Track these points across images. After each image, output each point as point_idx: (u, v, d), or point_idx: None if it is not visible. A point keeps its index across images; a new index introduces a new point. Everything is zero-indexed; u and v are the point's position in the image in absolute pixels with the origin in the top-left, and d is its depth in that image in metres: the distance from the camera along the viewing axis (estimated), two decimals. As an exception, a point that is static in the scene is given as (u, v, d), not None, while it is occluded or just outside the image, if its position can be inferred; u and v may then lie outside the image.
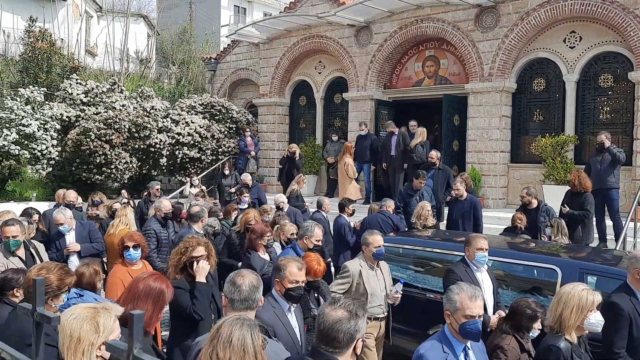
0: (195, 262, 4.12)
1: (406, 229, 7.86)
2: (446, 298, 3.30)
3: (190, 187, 12.37)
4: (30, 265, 4.93)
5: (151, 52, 25.81)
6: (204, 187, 12.04)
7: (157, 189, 10.34)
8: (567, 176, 10.80)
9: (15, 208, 11.74)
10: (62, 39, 19.38)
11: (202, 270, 4.12)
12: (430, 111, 14.11)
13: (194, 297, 4.03)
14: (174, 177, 15.70)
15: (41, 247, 5.76)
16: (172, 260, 4.24)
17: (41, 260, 5.25)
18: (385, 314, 5.18)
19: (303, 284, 3.82)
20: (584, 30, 11.20)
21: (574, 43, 11.34)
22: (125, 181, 13.53)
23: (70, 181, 13.08)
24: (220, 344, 2.20)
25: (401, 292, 5.04)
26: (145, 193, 10.68)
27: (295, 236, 6.01)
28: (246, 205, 9.15)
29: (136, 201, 11.51)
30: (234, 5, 37.00)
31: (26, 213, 7.02)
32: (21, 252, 5.29)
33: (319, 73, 15.63)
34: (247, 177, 11.11)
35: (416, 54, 13.74)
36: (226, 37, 20.40)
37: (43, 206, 11.26)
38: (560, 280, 4.96)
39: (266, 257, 5.66)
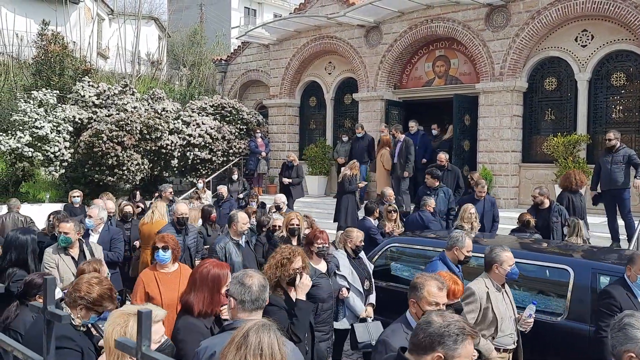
0: (298, 277, 3.73)
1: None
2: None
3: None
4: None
5: (162, 54, 25.97)
6: (203, 192, 12.02)
7: (170, 192, 10.09)
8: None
9: (29, 210, 11.90)
10: (74, 42, 19.56)
11: (304, 286, 3.75)
12: (440, 111, 14.07)
13: (294, 316, 3.63)
14: (185, 179, 15.77)
15: (98, 250, 5.70)
16: (267, 275, 3.70)
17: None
18: (516, 344, 4.44)
19: (443, 307, 3.27)
20: (596, 29, 11.10)
21: (585, 42, 11.24)
22: (137, 182, 13.62)
23: (82, 183, 13.20)
24: (250, 353, 2.13)
25: (534, 317, 4.40)
26: (157, 195, 10.56)
27: (362, 243, 5.45)
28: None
29: (147, 202, 11.58)
30: (244, 7, 37.13)
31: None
32: (75, 251, 5.22)
33: (329, 74, 15.63)
34: (223, 189, 10.89)
35: (426, 54, 13.70)
36: (236, 38, 20.46)
37: (56, 207, 11.38)
38: (573, 280, 4.92)
39: (321, 266, 4.94)
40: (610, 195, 8.34)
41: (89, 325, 3.22)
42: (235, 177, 12.80)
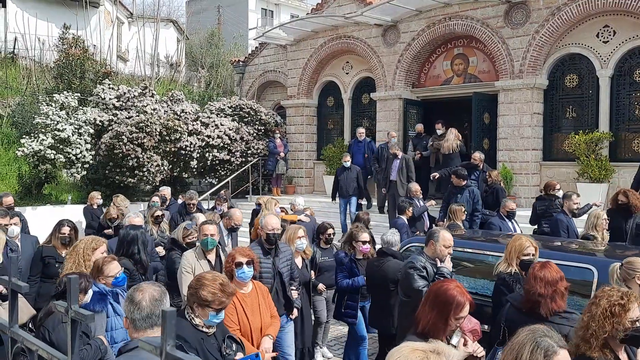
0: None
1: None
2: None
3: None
4: (218, 271, 4.59)
5: (181, 57, 26.18)
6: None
7: (193, 203, 9.12)
8: (602, 174, 10.57)
9: (52, 211, 12.08)
10: (94, 45, 19.83)
11: None
12: (459, 110, 13.97)
13: None
14: (204, 179, 15.87)
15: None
16: (591, 330, 2.86)
17: None
18: None
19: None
20: (618, 24, 10.92)
21: (607, 37, 11.07)
22: (157, 184, 13.73)
23: (104, 184, 13.35)
24: None
25: None
26: (181, 201, 9.91)
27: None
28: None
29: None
30: (262, 9, 37.28)
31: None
32: (212, 256, 5.18)
33: (347, 73, 15.61)
34: (166, 190, 10.52)
35: (444, 52, 13.61)
36: (254, 40, 20.54)
37: (77, 209, 11.53)
38: (597, 280, 4.84)
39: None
40: None
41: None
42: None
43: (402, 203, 8.49)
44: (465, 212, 8.11)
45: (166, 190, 10.61)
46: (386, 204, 11.61)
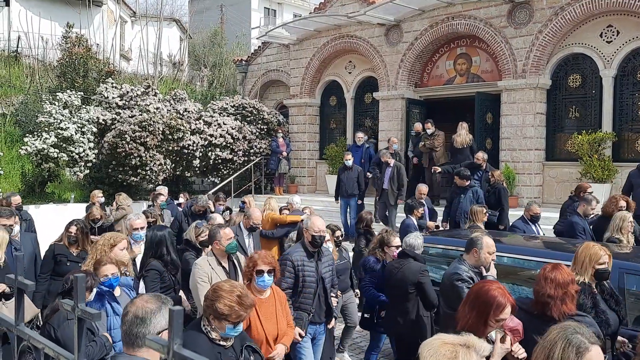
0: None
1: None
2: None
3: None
4: (233, 278, 4.62)
5: (184, 56, 26.20)
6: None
7: (201, 205, 8.70)
8: (605, 174, 10.56)
9: (55, 210, 12.11)
10: (97, 44, 19.85)
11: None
12: (462, 109, 13.94)
13: None
14: (206, 179, 15.89)
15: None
16: None
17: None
18: None
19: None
20: (622, 24, 10.90)
21: (610, 37, 11.05)
22: (160, 182, 13.75)
23: (106, 183, 13.38)
24: None
25: None
26: (191, 203, 9.42)
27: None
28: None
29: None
30: (264, 8, 37.31)
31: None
32: (225, 262, 4.91)
33: (349, 73, 15.61)
34: (160, 189, 10.41)
35: (447, 52, 13.60)
36: (256, 39, 20.56)
37: (80, 207, 11.55)
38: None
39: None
40: None
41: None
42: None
43: (411, 203, 8.44)
44: (487, 214, 7.78)
45: (164, 190, 10.44)
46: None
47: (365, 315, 5.89)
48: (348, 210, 11.47)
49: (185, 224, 8.24)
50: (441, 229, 8.95)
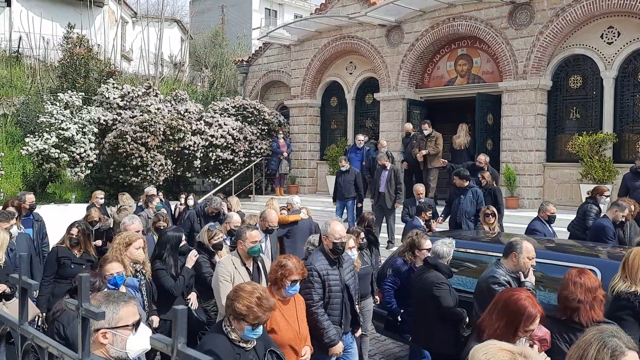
0: None
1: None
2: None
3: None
4: (256, 281, 4.53)
5: (185, 56, 26.22)
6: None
7: (215, 207, 8.32)
8: (606, 175, 10.55)
9: (56, 210, 12.12)
10: (98, 45, 19.88)
11: None
12: (463, 110, 13.95)
13: None
14: (207, 179, 15.91)
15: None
16: None
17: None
18: None
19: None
20: (623, 25, 10.91)
21: (611, 39, 11.06)
22: (161, 183, 13.78)
23: (107, 183, 13.40)
24: None
25: None
26: (204, 204, 9.24)
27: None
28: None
29: (172, 203, 11.67)
30: (265, 8, 37.34)
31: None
32: (250, 263, 4.75)
33: (350, 74, 15.62)
34: (151, 190, 10.30)
35: (448, 53, 13.61)
36: (257, 39, 20.58)
37: (81, 208, 11.57)
38: (600, 280, 4.83)
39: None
40: None
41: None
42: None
43: (420, 205, 8.43)
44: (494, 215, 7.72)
45: (155, 190, 10.34)
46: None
47: (390, 317, 5.79)
48: (345, 211, 11.49)
49: (198, 224, 8.14)
50: (436, 223, 8.91)
